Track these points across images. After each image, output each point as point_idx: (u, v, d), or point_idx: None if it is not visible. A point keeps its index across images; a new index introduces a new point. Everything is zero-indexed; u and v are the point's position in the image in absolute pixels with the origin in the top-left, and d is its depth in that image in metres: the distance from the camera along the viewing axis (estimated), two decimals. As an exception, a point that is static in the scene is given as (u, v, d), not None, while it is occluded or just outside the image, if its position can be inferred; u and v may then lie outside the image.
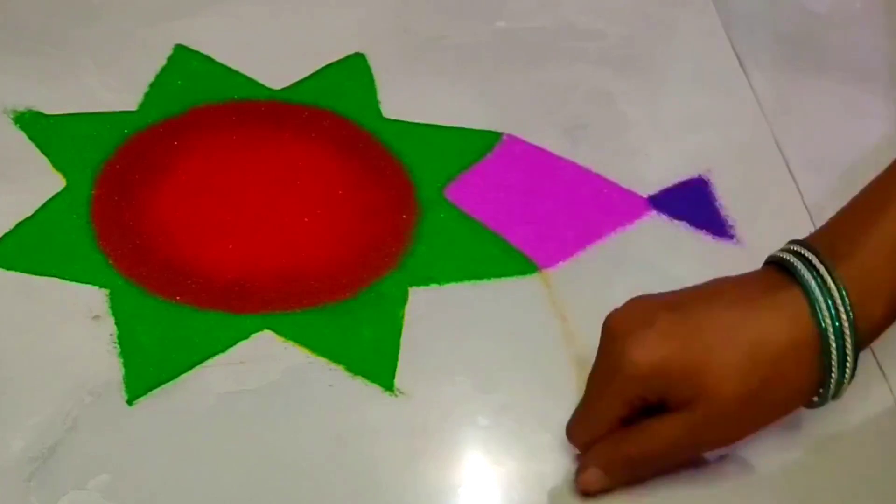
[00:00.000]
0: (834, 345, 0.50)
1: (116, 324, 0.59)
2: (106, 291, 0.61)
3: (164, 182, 0.67)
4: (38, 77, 0.72)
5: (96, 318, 0.59)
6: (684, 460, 0.54)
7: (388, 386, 0.57)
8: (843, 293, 0.50)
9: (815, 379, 0.51)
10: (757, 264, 0.64)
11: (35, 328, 0.59)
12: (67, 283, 0.61)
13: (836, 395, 0.52)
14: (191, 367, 0.57)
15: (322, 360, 0.58)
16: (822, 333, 0.50)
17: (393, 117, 0.72)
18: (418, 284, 0.62)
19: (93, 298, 0.60)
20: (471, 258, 0.64)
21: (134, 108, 0.71)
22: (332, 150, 0.69)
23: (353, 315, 0.61)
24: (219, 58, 0.75)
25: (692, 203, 0.68)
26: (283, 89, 0.73)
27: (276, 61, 0.74)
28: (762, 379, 0.50)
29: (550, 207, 0.67)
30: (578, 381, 0.58)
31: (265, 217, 0.65)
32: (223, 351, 0.58)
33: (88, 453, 0.54)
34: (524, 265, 0.64)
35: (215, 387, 0.57)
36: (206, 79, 0.73)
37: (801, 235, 0.54)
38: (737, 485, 0.55)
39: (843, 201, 0.55)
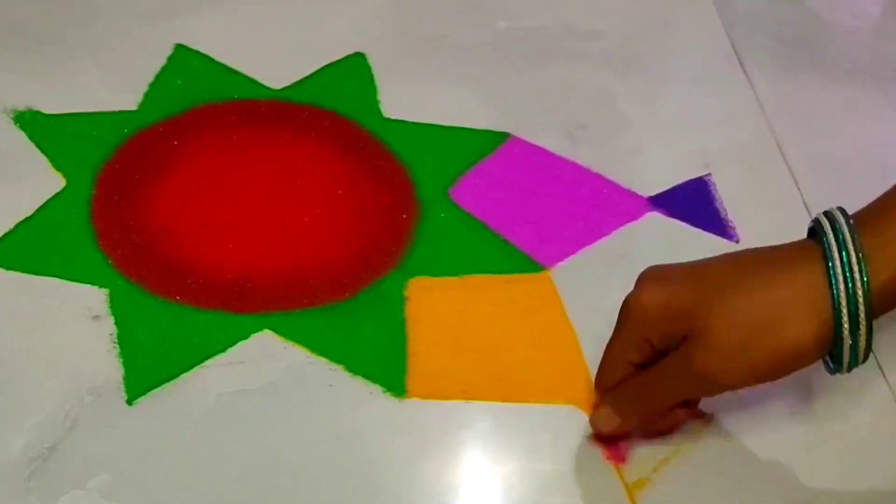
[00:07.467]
0: (844, 303, 0.50)
1: (116, 324, 0.59)
2: (106, 291, 0.61)
3: (164, 182, 0.67)
4: (38, 77, 0.72)
5: (96, 318, 0.59)
6: (693, 396, 0.55)
7: (389, 386, 0.57)
8: (861, 255, 0.50)
9: (822, 335, 0.51)
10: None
11: (35, 328, 0.59)
12: (67, 283, 0.61)
13: (853, 362, 0.52)
14: (191, 367, 0.57)
15: (322, 360, 0.58)
16: (833, 285, 0.50)
17: (393, 117, 0.72)
18: (418, 284, 0.62)
19: (93, 298, 0.60)
20: (471, 258, 0.64)
21: (134, 107, 0.71)
22: (332, 150, 0.69)
23: (354, 315, 0.60)
24: (219, 58, 0.75)
25: (692, 203, 0.68)
26: (284, 89, 0.73)
27: (276, 61, 0.74)
28: (761, 321, 0.50)
29: (551, 207, 0.67)
30: (580, 381, 0.58)
31: (265, 217, 0.65)
32: (223, 351, 0.58)
33: (88, 453, 0.54)
34: (525, 265, 0.64)
35: (215, 387, 0.57)
36: (206, 79, 0.73)
37: (800, 235, 0.54)
38: (738, 481, 0.55)
39: (842, 201, 0.54)
